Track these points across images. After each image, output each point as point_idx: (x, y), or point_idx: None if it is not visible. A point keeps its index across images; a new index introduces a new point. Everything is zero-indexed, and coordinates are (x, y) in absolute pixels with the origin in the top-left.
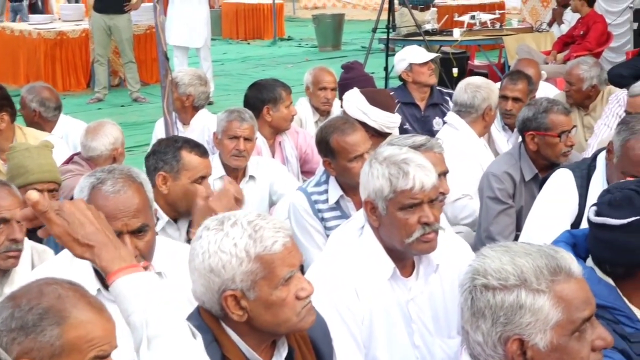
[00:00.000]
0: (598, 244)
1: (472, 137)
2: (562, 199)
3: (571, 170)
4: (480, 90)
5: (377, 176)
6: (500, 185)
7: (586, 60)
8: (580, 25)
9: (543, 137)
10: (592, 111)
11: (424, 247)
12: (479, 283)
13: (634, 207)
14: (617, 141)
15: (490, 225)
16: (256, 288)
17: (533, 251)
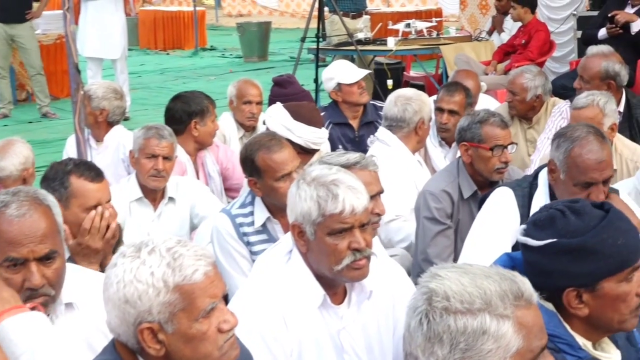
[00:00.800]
0: (524, 265)
1: (404, 154)
2: (502, 219)
3: (512, 188)
4: (411, 102)
5: (305, 198)
6: (437, 204)
7: (530, 69)
8: (522, 34)
9: (476, 149)
10: (535, 124)
11: (354, 274)
12: (438, 306)
13: (555, 229)
14: (559, 155)
15: (427, 248)
16: (175, 320)
17: (492, 273)
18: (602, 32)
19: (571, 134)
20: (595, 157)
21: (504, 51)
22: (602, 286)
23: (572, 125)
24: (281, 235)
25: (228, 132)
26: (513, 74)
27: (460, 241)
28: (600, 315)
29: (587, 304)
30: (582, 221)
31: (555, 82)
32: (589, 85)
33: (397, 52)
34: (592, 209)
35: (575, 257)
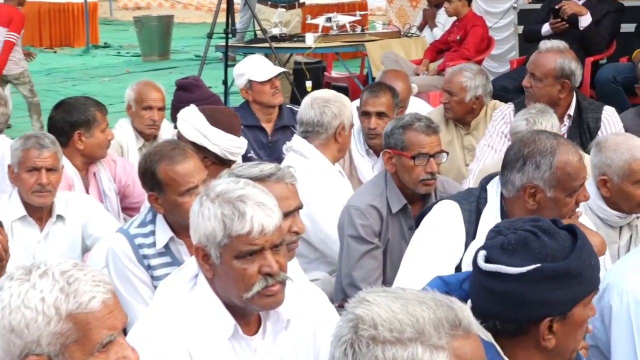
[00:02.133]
0: (487, 296)
1: (323, 165)
2: (445, 236)
3: (457, 202)
4: (330, 105)
5: (209, 217)
6: (364, 220)
7: (470, 67)
8: (457, 29)
9: (399, 158)
10: (474, 130)
11: (267, 302)
12: (365, 334)
13: (531, 252)
14: (542, 174)
15: (352, 270)
16: (66, 354)
17: (427, 299)
18: (545, 27)
19: (544, 148)
20: (578, 157)
21: (437, 49)
22: (573, 313)
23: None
24: (186, 257)
25: (125, 141)
26: (450, 72)
27: (390, 262)
28: (564, 346)
29: (555, 334)
30: (557, 242)
31: (494, 83)
32: (541, 84)
33: (317, 50)
34: (557, 228)
35: (559, 282)
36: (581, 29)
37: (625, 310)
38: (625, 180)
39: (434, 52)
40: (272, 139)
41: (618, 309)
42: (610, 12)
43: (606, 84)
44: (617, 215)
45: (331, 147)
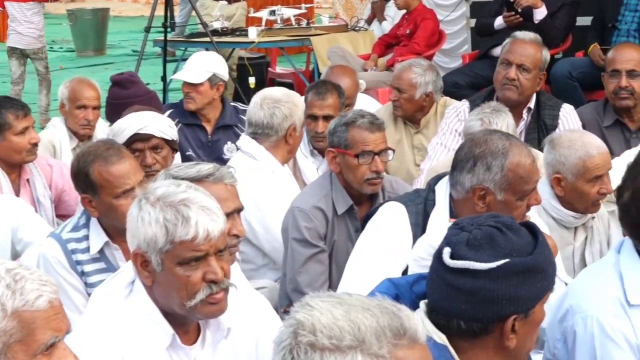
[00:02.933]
0: (453, 294)
1: (274, 167)
2: (392, 239)
3: (404, 204)
4: (280, 106)
5: (149, 222)
6: (308, 223)
7: (420, 63)
8: (407, 23)
9: (343, 157)
10: (424, 128)
11: (210, 310)
12: (304, 340)
13: (498, 248)
14: (493, 176)
15: (297, 275)
16: (9, 354)
17: (372, 306)
18: (499, 20)
19: (496, 148)
20: (531, 160)
21: (386, 43)
22: (534, 311)
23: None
24: (122, 263)
25: (58, 141)
26: (399, 68)
27: (336, 266)
28: (522, 345)
29: (517, 334)
30: (521, 238)
31: (445, 79)
32: (529, 75)
33: (260, 45)
34: (518, 225)
35: (526, 277)
36: (536, 22)
37: (589, 338)
38: (579, 178)
39: (383, 46)
40: (212, 138)
41: (582, 335)
42: (565, 5)
43: (562, 79)
44: (571, 216)
45: (281, 149)
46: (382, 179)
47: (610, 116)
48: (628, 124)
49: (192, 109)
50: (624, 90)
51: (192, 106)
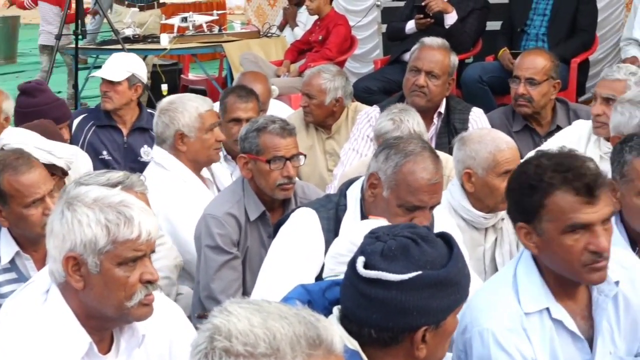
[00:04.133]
0: (365, 303)
1: (186, 176)
2: (303, 246)
3: (315, 209)
4: (161, 114)
5: (88, 223)
6: (221, 229)
7: (328, 68)
8: (319, 29)
9: (255, 162)
10: (335, 133)
11: (144, 312)
12: (219, 345)
13: (411, 259)
14: (387, 169)
15: (211, 282)
16: None
17: (290, 314)
18: (410, 25)
19: (404, 147)
20: (429, 177)
21: (298, 49)
22: (446, 322)
23: (404, 137)
24: (34, 273)
25: None
26: (308, 74)
27: (250, 272)
28: (433, 355)
29: (427, 344)
30: (436, 250)
31: (357, 85)
32: (438, 82)
33: (172, 52)
34: (434, 236)
35: (438, 290)
36: (447, 27)
37: (486, 352)
38: (490, 172)
39: (295, 52)
40: (128, 140)
41: (480, 349)
42: (475, 10)
43: (472, 84)
44: (482, 217)
45: (181, 157)
46: (294, 184)
47: (520, 121)
48: (537, 128)
49: (109, 108)
50: (522, 98)
51: (109, 105)
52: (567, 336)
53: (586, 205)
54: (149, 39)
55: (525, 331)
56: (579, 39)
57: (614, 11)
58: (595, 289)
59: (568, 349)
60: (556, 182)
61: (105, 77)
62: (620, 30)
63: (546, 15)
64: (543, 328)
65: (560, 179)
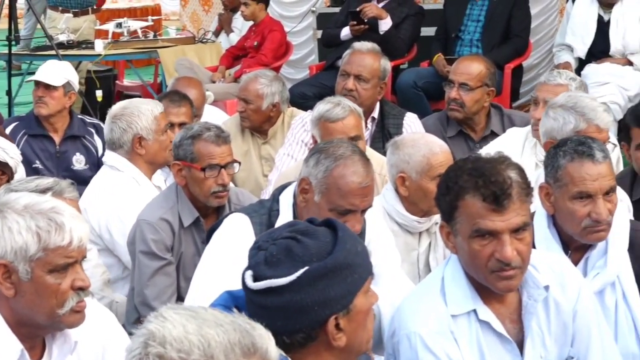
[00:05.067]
0: (266, 314)
1: (138, 178)
2: (236, 251)
3: (248, 215)
4: (117, 120)
5: (19, 231)
6: (155, 235)
7: (265, 73)
8: (254, 35)
9: (189, 170)
10: (271, 138)
11: (76, 319)
12: (153, 351)
13: (296, 258)
14: (317, 173)
15: (145, 288)
16: None
17: (226, 322)
18: (345, 31)
19: (334, 151)
20: (359, 181)
21: (234, 55)
22: (355, 304)
23: (333, 141)
24: None
25: None
26: (245, 79)
27: (184, 278)
28: (355, 339)
29: (344, 331)
30: (318, 240)
31: (292, 90)
32: (368, 86)
33: (107, 57)
34: (315, 227)
35: (332, 278)
36: (381, 33)
37: (415, 355)
38: (423, 176)
39: (230, 58)
40: (60, 149)
41: (408, 352)
42: (410, 16)
43: (407, 89)
44: (416, 221)
45: (137, 161)
46: (228, 192)
47: (454, 127)
48: (471, 134)
49: (43, 113)
50: (454, 102)
51: (44, 111)
52: (495, 338)
53: (493, 213)
54: (84, 45)
55: (453, 334)
56: (513, 44)
57: (548, 17)
58: (525, 292)
59: (497, 351)
60: (467, 186)
61: (44, 80)
62: (554, 36)
63: (480, 21)
64: (471, 330)
65: (471, 184)
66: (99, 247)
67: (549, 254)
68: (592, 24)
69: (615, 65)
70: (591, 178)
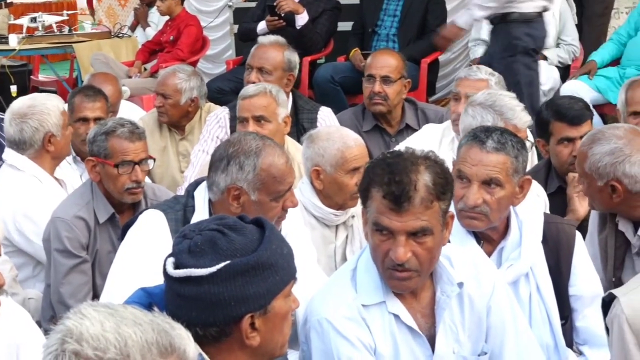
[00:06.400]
0: (182, 303)
1: (41, 176)
2: (151, 248)
3: (163, 211)
4: (27, 119)
5: None
6: (70, 233)
7: (184, 68)
8: (170, 29)
9: (103, 166)
10: (189, 134)
11: None
12: (69, 348)
13: (219, 251)
14: (246, 175)
15: (60, 287)
16: None
17: (145, 321)
18: (261, 25)
19: (249, 148)
20: (285, 160)
21: (150, 49)
22: (273, 306)
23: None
24: None
25: None
26: (163, 74)
27: (100, 275)
28: (269, 341)
29: (259, 331)
30: (245, 237)
31: (209, 85)
32: (271, 78)
33: (22, 52)
34: (243, 223)
35: (252, 275)
36: (298, 28)
37: (327, 339)
38: (338, 169)
39: (147, 53)
40: None
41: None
42: (327, 11)
43: (324, 84)
44: (332, 214)
45: (44, 159)
46: (143, 188)
47: (370, 121)
48: (387, 128)
49: None
50: (378, 96)
51: None
52: (407, 331)
53: (391, 211)
54: None
55: (365, 320)
56: (429, 39)
57: None
58: (439, 288)
59: (408, 342)
60: (376, 179)
61: None
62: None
63: (396, 16)
64: (383, 320)
65: (379, 178)
66: (10, 249)
67: (465, 249)
68: None
69: None
70: (472, 162)
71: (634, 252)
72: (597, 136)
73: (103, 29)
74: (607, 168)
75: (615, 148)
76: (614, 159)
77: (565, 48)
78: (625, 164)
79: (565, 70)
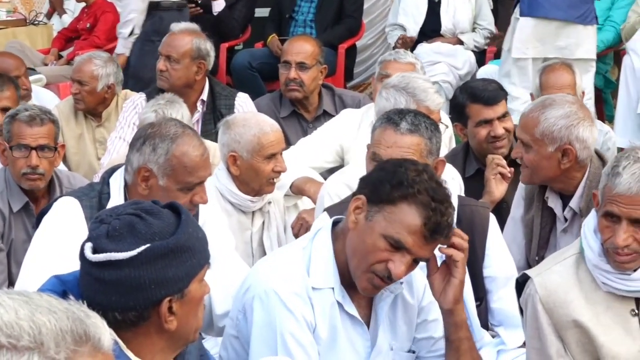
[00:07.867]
0: (102, 288)
1: None
2: (66, 235)
3: (77, 198)
4: None
5: None
6: None
7: (100, 55)
8: (87, 17)
9: (10, 150)
10: (105, 121)
11: None
12: None
13: (138, 235)
14: (157, 158)
15: None
16: None
17: (60, 309)
18: None
19: (167, 132)
20: (201, 153)
21: (66, 37)
22: (190, 290)
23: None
24: None
25: None
26: (79, 60)
27: (15, 264)
28: (185, 325)
29: (176, 315)
30: (162, 220)
31: None
32: (178, 66)
33: None
34: (159, 207)
35: (172, 258)
36: (215, 14)
37: (272, 311)
38: (255, 155)
39: (63, 40)
40: None
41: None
42: None
43: (242, 70)
44: (248, 200)
45: None
46: (43, 176)
47: (287, 107)
48: (304, 114)
49: None
50: (293, 82)
51: None
52: (348, 319)
53: (420, 238)
54: None
55: (311, 300)
56: (346, 24)
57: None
58: None
59: (349, 330)
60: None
61: None
62: (387, 16)
63: (313, 2)
64: (328, 305)
65: (425, 201)
66: None
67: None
68: (423, 4)
69: (447, 45)
70: (386, 144)
71: (560, 229)
72: (547, 102)
73: (18, 16)
74: (562, 131)
75: (570, 112)
76: (569, 122)
77: (481, 32)
78: (580, 127)
79: (481, 55)
